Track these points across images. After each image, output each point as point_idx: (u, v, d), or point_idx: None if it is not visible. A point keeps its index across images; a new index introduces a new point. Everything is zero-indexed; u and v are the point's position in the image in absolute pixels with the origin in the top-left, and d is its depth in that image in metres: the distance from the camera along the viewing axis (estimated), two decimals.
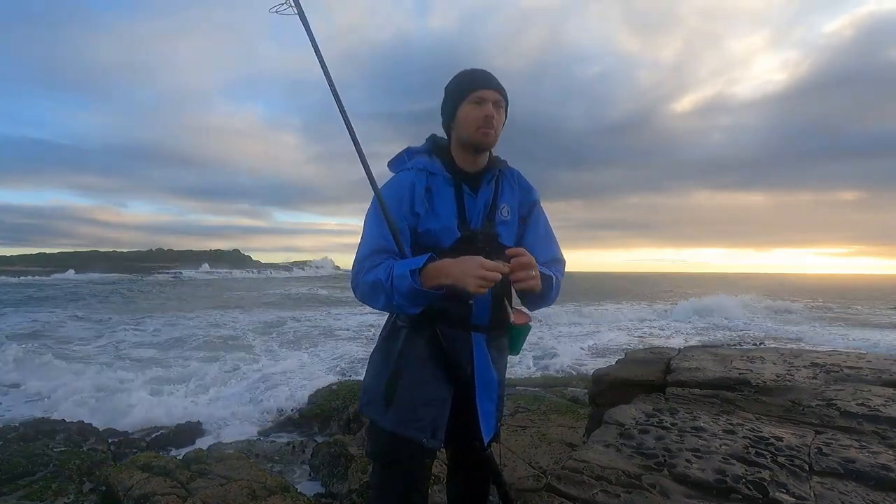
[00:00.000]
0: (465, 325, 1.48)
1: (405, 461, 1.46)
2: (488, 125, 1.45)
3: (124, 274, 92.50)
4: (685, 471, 1.51)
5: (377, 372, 1.53)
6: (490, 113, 1.44)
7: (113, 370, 9.58)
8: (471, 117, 1.45)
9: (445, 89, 1.55)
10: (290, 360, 10.55)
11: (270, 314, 22.03)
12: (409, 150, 1.56)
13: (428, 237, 1.46)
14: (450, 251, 1.41)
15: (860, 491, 1.40)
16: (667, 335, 16.56)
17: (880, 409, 2.01)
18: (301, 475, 4.36)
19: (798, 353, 3.18)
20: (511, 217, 1.56)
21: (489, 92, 1.46)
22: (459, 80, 1.51)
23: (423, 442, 1.43)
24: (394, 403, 1.46)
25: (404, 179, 1.48)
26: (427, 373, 1.44)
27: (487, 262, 1.25)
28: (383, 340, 1.55)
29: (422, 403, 1.45)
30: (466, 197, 1.49)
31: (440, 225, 1.44)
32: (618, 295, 42.31)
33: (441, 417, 1.45)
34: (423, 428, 1.43)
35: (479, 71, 1.52)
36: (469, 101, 1.46)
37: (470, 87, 1.47)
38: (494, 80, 1.49)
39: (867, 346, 13.77)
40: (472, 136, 1.47)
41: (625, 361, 3.10)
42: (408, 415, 1.45)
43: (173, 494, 3.23)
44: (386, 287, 1.30)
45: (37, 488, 3.94)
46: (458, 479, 1.78)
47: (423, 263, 1.29)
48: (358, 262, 1.42)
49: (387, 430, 1.46)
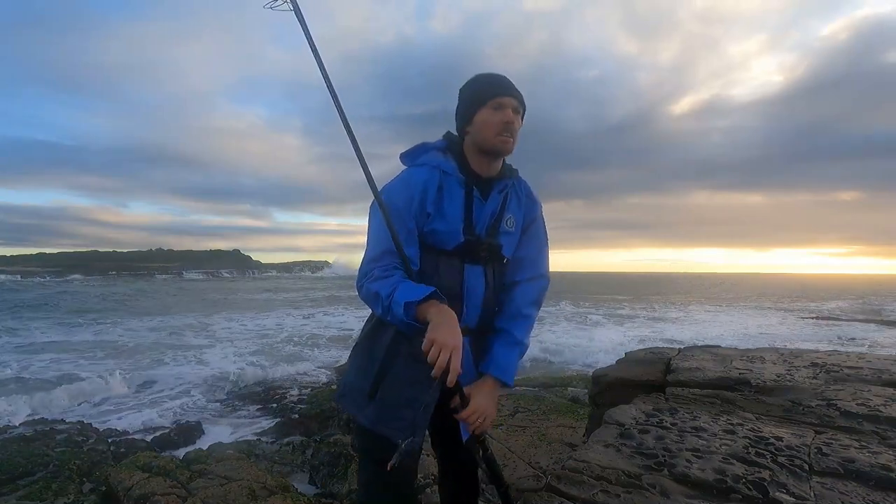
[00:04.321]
0: None
1: (387, 458, 1.42)
2: (508, 131, 1.43)
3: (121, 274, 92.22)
4: (685, 471, 1.52)
5: (359, 366, 1.51)
6: (510, 119, 1.43)
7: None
8: (490, 123, 1.43)
9: (461, 92, 1.52)
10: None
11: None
12: (425, 144, 1.53)
13: (432, 237, 1.44)
14: (451, 255, 1.41)
15: (860, 491, 1.40)
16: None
17: (880, 409, 2.01)
18: (301, 475, 4.36)
19: (798, 353, 3.18)
20: (515, 229, 1.55)
21: (509, 99, 1.44)
22: (479, 84, 1.48)
23: (400, 441, 1.40)
24: (374, 399, 1.44)
25: (417, 176, 1.45)
26: (411, 372, 1.41)
27: (456, 359, 1.19)
28: (368, 333, 1.52)
29: (404, 403, 1.42)
30: (476, 202, 1.47)
31: (446, 227, 1.42)
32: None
33: (422, 419, 1.42)
34: (402, 428, 1.40)
35: (499, 76, 1.49)
36: (489, 106, 1.44)
37: (491, 93, 1.44)
38: (514, 87, 1.47)
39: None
40: (490, 142, 1.45)
41: (625, 361, 3.10)
42: (387, 413, 1.42)
43: (173, 494, 3.23)
44: (384, 304, 1.32)
45: (37, 488, 3.95)
46: (448, 480, 1.77)
47: (422, 297, 1.27)
48: (366, 264, 1.41)
49: (366, 425, 1.45)
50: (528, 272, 1.56)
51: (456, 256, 1.40)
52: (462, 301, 1.45)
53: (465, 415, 1.38)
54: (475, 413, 1.38)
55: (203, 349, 13.05)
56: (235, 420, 7.07)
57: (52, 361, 11.26)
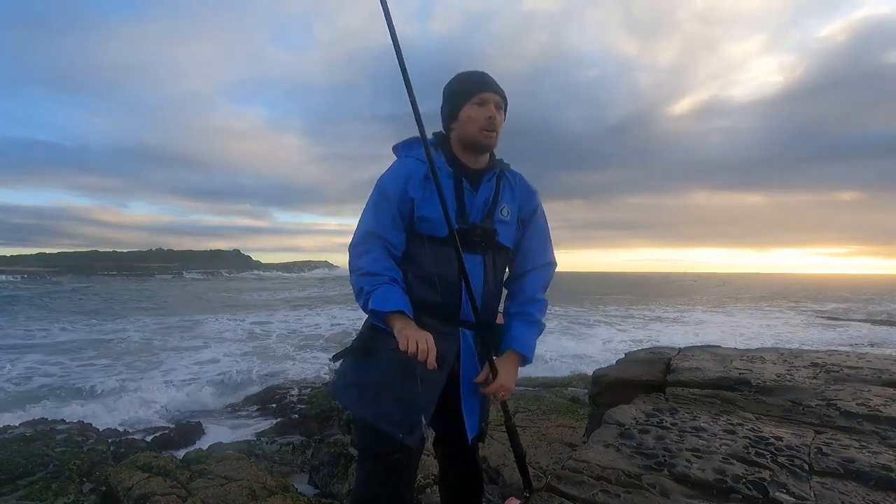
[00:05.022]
0: (453, 320, 1.49)
1: (387, 456, 1.45)
2: (491, 126, 1.50)
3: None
4: (685, 471, 1.51)
5: (356, 363, 1.53)
6: (493, 114, 1.49)
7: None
8: (474, 118, 1.49)
9: (445, 91, 1.57)
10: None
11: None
12: (417, 138, 1.55)
13: (425, 225, 1.47)
14: (446, 243, 1.44)
15: (860, 491, 1.40)
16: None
17: (880, 409, 2.01)
18: (301, 475, 4.36)
19: (798, 353, 3.19)
20: (510, 218, 1.58)
21: (491, 94, 1.51)
22: (461, 81, 1.54)
23: (400, 437, 1.41)
24: (370, 394, 1.46)
25: (403, 164, 1.53)
26: (411, 368, 1.41)
27: (430, 341, 1.34)
28: (367, 329, 1.54)
29: (400, 398, 1.43)
30: (466, 193, 1.51)
31: (438, 215, 1.44)
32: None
33: (420, 416, 1.43)
34: (400, 423, 1.42)
35: (480, 73, 1.55)
36: (473, 102, 1.50)
37: (474, 89, 1.51)
38: (495, 83, 1.54)
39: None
40: (474, 137, 1.51)
41: (625, 361, 3.10)
42: (386, 408, 1.44)
43: (173, 494, 3.23)
44: (361, 301, 1.47)
45: (37, 488, 3.95)
46: (448, 481, 1.77)
47: (388, 310, 1.40)
48: (352, 247, 1.51)
49: (366, 420, 1.47)
50: (536, 261, 1.64)
51: (451, 245, 1.43)
52: (461, 291, 1.47)
53: (493, 388, 1.49)
54: (501, 388, 1.49)
55: (203, 349, 13.04)
56: (235, 420, 7.06)
57: (37, 363, 10.99)
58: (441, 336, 1.44)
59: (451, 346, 1.48)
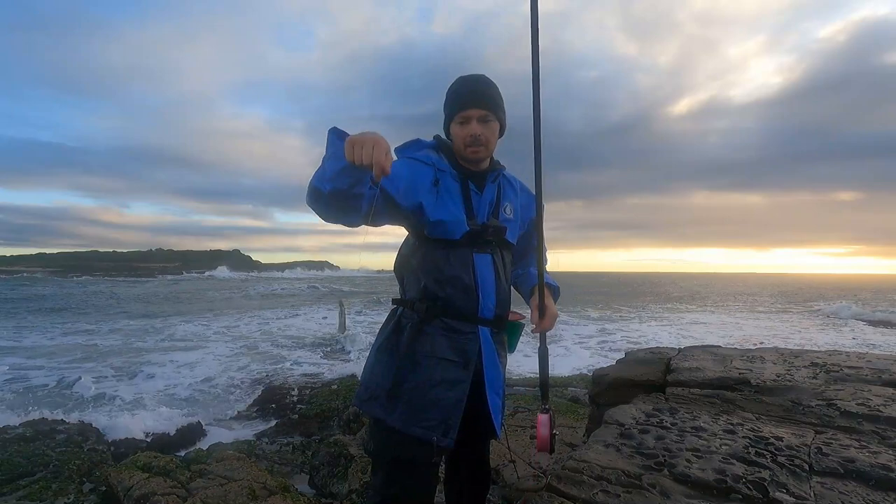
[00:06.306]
0: (472, 318, 1.50)
1: (414, 461, 1.44)
2: (475, 143, 1.50)
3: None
4: (685, 471, 1.52)
5: (382, 368, 1.50)
6: (475, 132, 1.49)
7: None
8: (459, 136, 1.52)
9: (445, 95, 1.58)
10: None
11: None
12: (419, 141, 1.60)
13: (439, 229, 1.47)
14: (460, 245, 1.47)
15: (860, 491, 1.40)
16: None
17: (880, 409, 2.01)
18: (301, 475, 4.36)
19: (798, 352, 3.18)
20: (514, 216, 1.63)
21: (473, 111, 1.49)
22: (450, 95, 1.54)
23: (434, 440, 1.41)
24: (402, 401, 1.44)
25: (426, 160, 1.51)
26: (439, 370, 1.44)
27: (379, 151, 1.08)
28: (389, 334, 1.53)
29: (433, 401, 1.43)
30: (472, 194, 1.54)
31: (450, 217, 1.47)
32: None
33: (455, 416, 1.44)
34: (434, 427, 1.42)
35: (465, 87, 1.51)
36: (455, 121, 1.52)
37: (455, 108, 1.51)
38: (479, 97, 1.49)
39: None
40: (462, 154, 1.53)
41: (625, 361, 3.10)
42: (418, 413, 1.43)
43: (173, 494, 3.23)
44: (320, 172, 1.23)
45: (37, 488, 3.94)
46: (459, 478, 1.77)
47: (331, 149, 1.19)
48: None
49: (395, 428, 1.44)
50: (534, 258, 1.70)
51: (465, 246, 1.47)
52: (477, 290, 1.49)
53: (548, 322, 1.56)
54: (553, 317, 1.58)
55: (203, 349, 13.04)
56: (235, 420, 7.06)
57: (26, 368, 10.79)
58: (463, 336, 1.47)
59: (474, 346, 1.49)
